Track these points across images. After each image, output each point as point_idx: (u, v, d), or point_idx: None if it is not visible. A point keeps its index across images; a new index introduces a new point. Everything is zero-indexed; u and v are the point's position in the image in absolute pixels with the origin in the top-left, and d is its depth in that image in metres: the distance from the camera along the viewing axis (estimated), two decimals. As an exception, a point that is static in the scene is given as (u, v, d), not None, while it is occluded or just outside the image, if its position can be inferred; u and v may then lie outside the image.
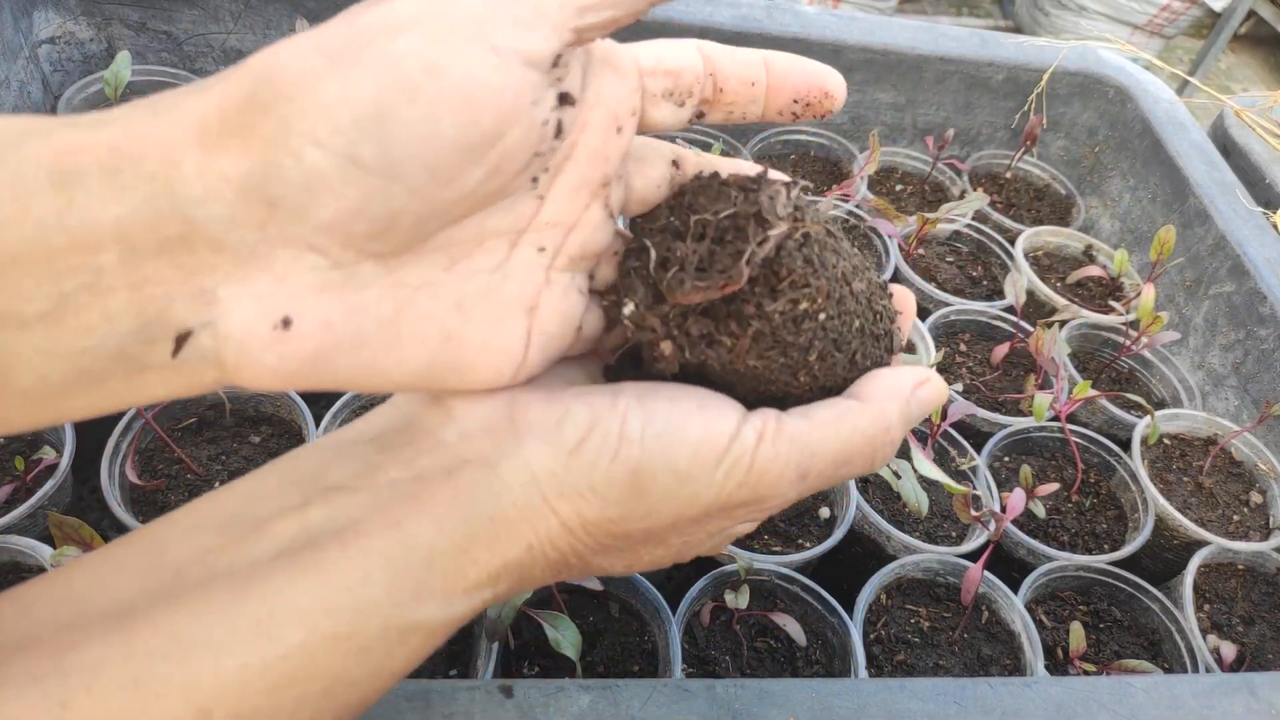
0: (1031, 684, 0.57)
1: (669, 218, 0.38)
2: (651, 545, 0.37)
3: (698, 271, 0.35)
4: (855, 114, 1.24)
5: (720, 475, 0.35)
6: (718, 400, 0.36)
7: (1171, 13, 3.41)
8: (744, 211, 0.36)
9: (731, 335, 0.36)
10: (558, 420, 0.34)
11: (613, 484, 0.34)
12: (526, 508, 0.34)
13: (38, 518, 0.68)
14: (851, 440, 0.37)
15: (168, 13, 1.04)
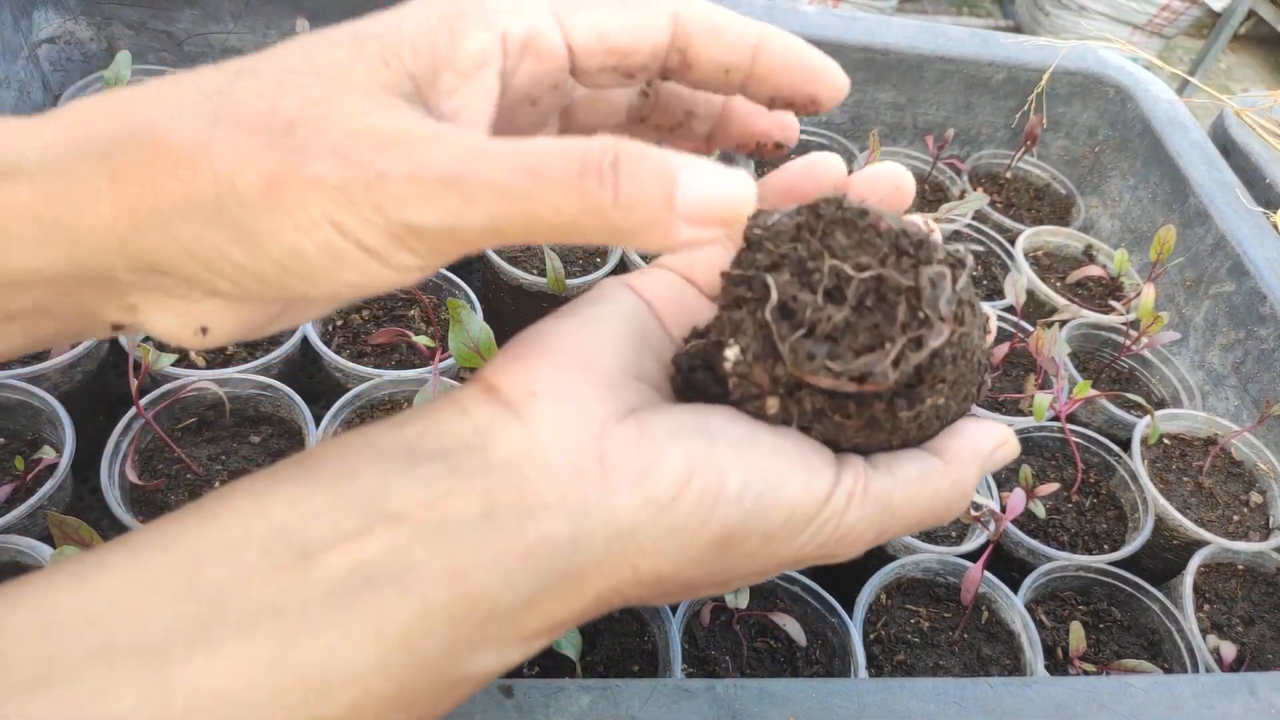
0: (1031, 684, 0.57)
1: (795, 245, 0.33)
2: (714, 588, 0.36)
3: (829, 343, 0.31)
4: (855, 114, 1.24)
5: (805, 538, 0.33)
6: (814, 453, 0.34)
7: (1171, 12, 3.41)
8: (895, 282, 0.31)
9: (845, 415, 0.33)
10: (651, 467, 0.31)
11: (700, 544, 0.32)
12: (603, 562, 0.31)
13: (38, 518, 0.68)
14: (931, 504, 0.36)
15: (168, 13, 1.04)
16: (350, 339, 0.88)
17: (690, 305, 0.41)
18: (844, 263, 0.31)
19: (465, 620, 0.30)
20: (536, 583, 0.30)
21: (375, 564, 0.29)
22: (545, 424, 0.32)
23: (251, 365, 0.79)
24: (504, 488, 0.31)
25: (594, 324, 0.36)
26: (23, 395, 0.73)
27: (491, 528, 0.30)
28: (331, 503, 0.30)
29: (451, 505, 0.30)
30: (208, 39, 1.07)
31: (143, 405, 0.72)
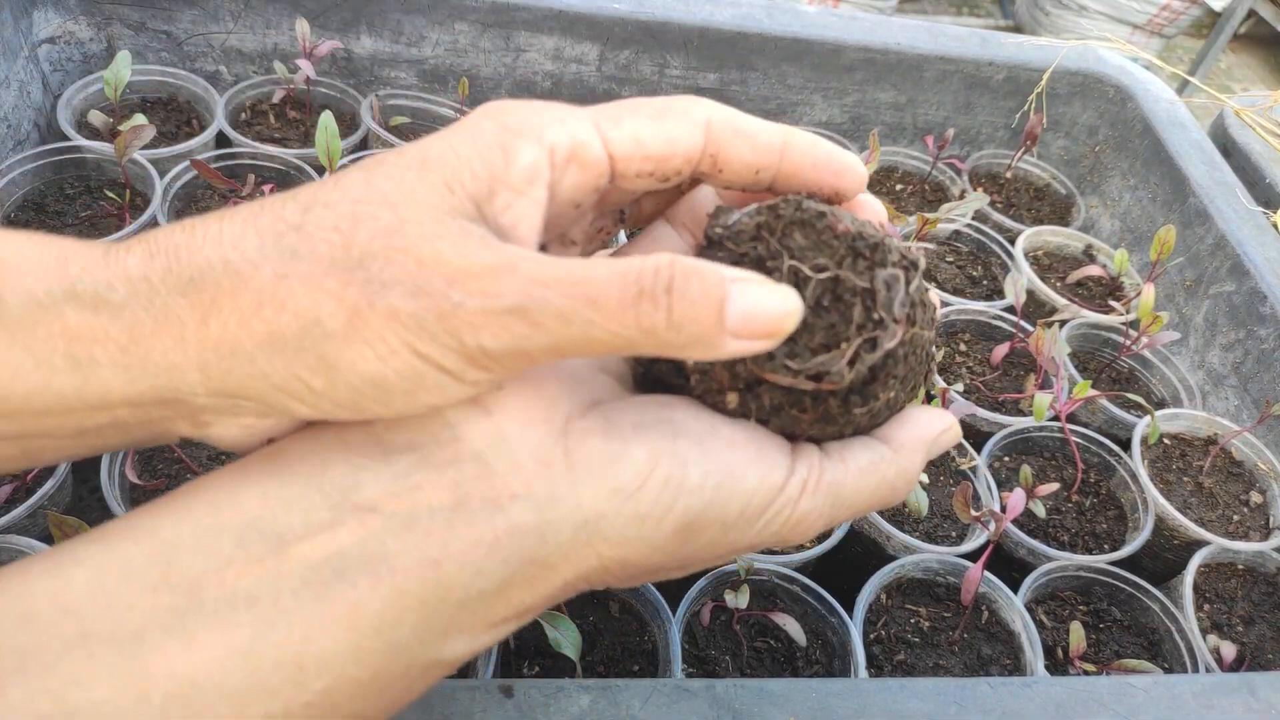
0: (1031, 684, 0.57)
1: (755, 245, 0.34)
2: (673, 572, 0.37)
3: (787, 342, 0.32)
4: (855, 114, 1.24)
5: (761, 525, 0.35)
6: (771, 444, 0.35)
7: (1171, 12, 3.41)
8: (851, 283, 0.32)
9: (801, 410, 0.34)
10: (616, 459, 0.33)
11: (663, 532, 0.33)
12: (570, 550, 0.33)
13: (38, 517, 0.68)
14: (879, 490, 0.37)
15: (168, 12, 1.04)
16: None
17: None
18: (802, 263, 0.32)
19: (437, 608, 0.31)
20: (506, 571, 0.32)
21: (348, 554, 0.30)
22: (512, 417, 0.33)
23: (251, 365, 0.79)
24: (473, 480, 0.32)
25: None
26: (23, 395, 0.73)
27: (462, 518, 0.31)
28: (304, 494, 0.31)
29: (422, 496, 0.31)
30: (208, 39, 1.07)
31: (143, 405, 0.72)
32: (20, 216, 0.91)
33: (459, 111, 1.13)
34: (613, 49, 1.12)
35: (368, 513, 0.31)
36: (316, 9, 1.06)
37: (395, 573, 0.30)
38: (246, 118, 1.08)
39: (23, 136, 0.96)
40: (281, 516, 0.31)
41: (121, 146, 0.86)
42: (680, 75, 1.16)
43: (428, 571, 0.31)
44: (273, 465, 0.33)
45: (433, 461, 0.32)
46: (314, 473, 0.32)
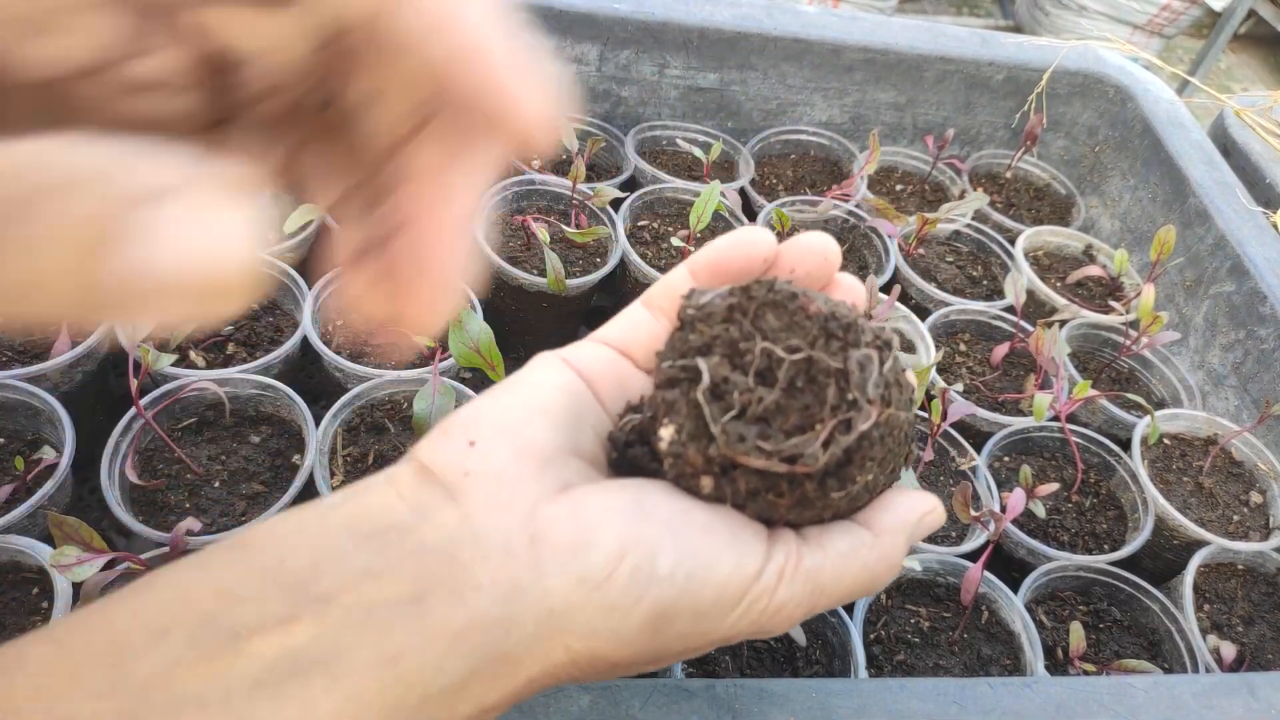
0: (1031, 684, 0.57)
1: (727, 326, 0.34)
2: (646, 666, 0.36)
3: (761, 424, 0.32)
4: (855, 114, 1.24)
5: (735, 616, 0.34)
6: (747, 530, 0.35)
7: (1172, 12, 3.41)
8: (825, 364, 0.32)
9: (778, 494, 0.33)
10: (583, 547, 0.32)
11: (633, 623, 0.32)
12: (535, 644, 0.31)
13: (38, 518, 0.68)
14: (859, 578, 0.36)
15: (168, 12, 1.04)
16: (351, 339, 0.88)
17: (627, 379, 0.41)
18: (775, 345, 0.32)
19: (396, 707, 0.30)
20: (468, 666, 0.31)
21: (303, 651, 0.29)
22: (479, 504, 0.32)
23: (251, 365, 0.79)
24: (435, 571, 0.31)
25: (528, 401, 0.37)
26: (23, 395, 0.73)
27: (422, 611, 0.30)
28: (260, 588, 0.30)
29: (381, 589, 0.30)
30: (208, 39, 1.07)
31: (143, 405, 0.72)
32: (20, 216, 0.91)
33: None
34: (613, 49, 1.12)
35: (324, 606, 0.30)
36: (316, 9, 1.06)
37: (351, 670, 0.29)
38: (246, 118, 1.08)
39: (23, 136, 0.96)
40: (237, 611, 0.29)
41: (121, 146, 0.86)
42: (680, 75, 1.16)
43: (386, 670, 0.29)
44: (231, 556, 0.31)
45: (394, 551, 0.31)
46: (271, 565, 0.31)
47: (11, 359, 0.79)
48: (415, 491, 0.33)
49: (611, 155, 1.18)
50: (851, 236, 1.15)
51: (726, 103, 1.20)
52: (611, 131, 1.17)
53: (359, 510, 0.33)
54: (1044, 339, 0.90)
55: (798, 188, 1.21)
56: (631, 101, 1.18)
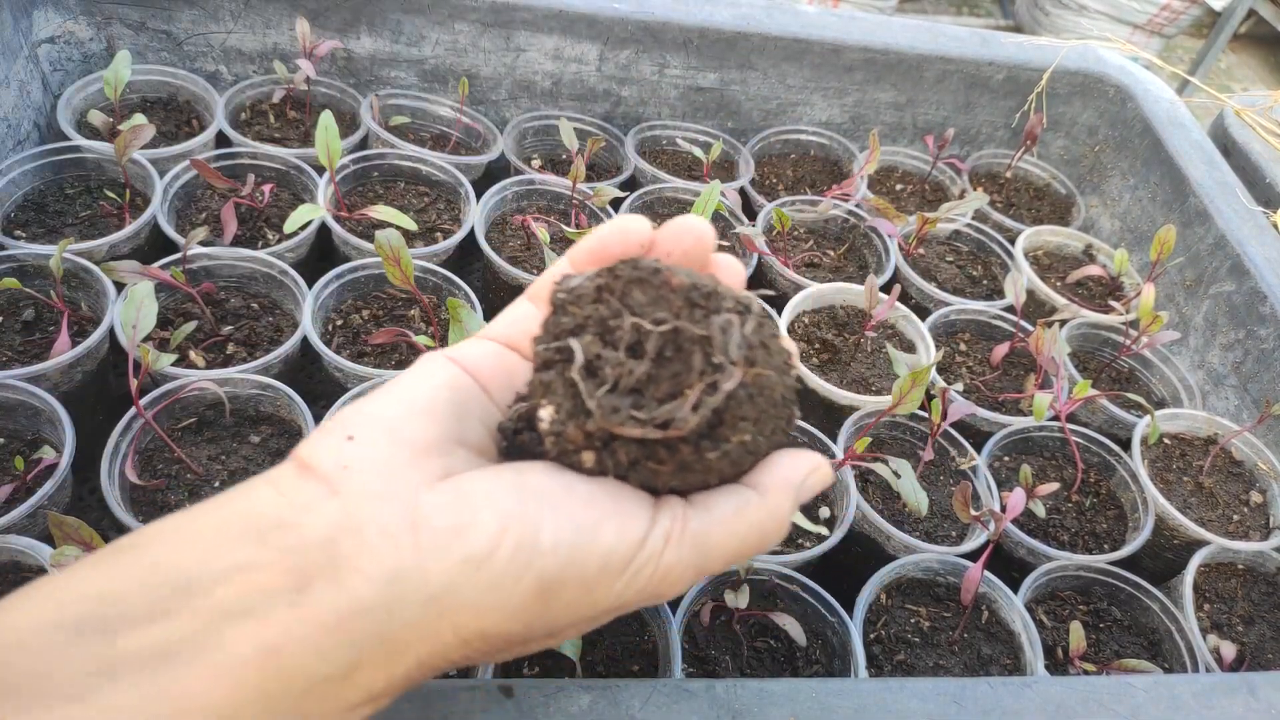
0: (1031, 684, 0.57)
1: (597, 306, 0.35)
2: (542, 640, 0.37)
3: (634, 395, 0.33)
4: (855, 113, 1.24)
5: (624, 582, 0.34)
6: (629, 498, 0.35)
7: (1172, 12, 3.41)
8: (690, 332, 0.33)
9: (659, 461, 0.34)
10: (465, 528, 0.32)
11: (519, 597, 0.32)
12: (422, 626, 0.32)
13: (38, 518, 0.68)
14: (748, 536, 0.37)
15: (167, 12, 1.04)
16: (350, 339, 0.88)
17: (515, 371, 0.42)
18: (642, 319, 0.33)
19: (279, 697, 0.30)
20: (353, 653, 0.31)
21: (182, 644, 0.29)
22: (358, 496, 0.33)
23: (251, 365, 0.79)
24: (316, 562, 0.31)
25: (407, 396, 0.37)
26: (23, 395, 0.73)
27: (303, 601, 0.30)
28: (141, 586, 0.30)
29: (260, 581, 0.30)
30: (208, 39, 1.07)
31: (143, 405, 0.72)
32: (20, 216, 0.91)
33: (458, 111, 1.13)
34: (613, 49, 1.12)
35: (202, 599, 0.30)
36: (316, 9, 1.06)
37: (232, 661, 0.29)
38: (246, 117, 1.08)
39: (23, 136, 0.96)
40: (112, 610, 0.30)
41: (121, 146, 0.86)
42: (680, 75, 1.16)
43: (268, 660, 0.30)
44: (115, 559, 0.32)
45: (274, 546, 0.31)
46: (154, 564, 0.31)
47: (11, 359, 0.79)
48: (295, 488, 0.34)
49: (611, 155, 1.18)
50: (851, 236, 1.15)
51: (726, 102, 1.20)
52: (611, 131, 1.17)
53: (239, 509, 0.33)
54: (1044, 339, 0.90)
55: (798, 187, 1.21)
56: (631, 101, 1.18)
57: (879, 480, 0.87)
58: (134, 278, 0.78)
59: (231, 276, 0.89)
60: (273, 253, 0.89)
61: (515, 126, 1.13)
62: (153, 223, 0.90)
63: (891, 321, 1.02)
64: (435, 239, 0.99)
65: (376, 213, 0.88)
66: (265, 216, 0.97)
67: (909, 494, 0.74)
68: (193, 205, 0.97)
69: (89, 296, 0.85)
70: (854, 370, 0.96)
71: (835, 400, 0.91)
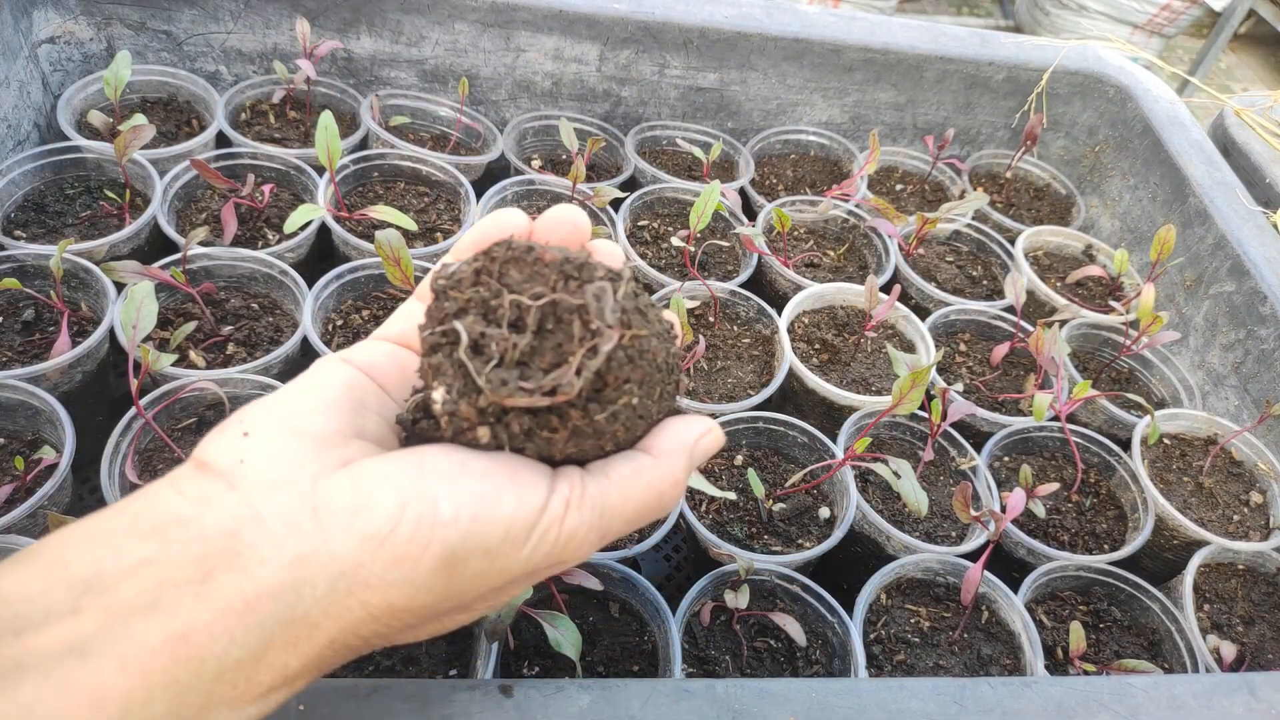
0: (1031, 684, 0.57)
1: (476, 289, 0.36)
2: (456, 613, 0.38)
3: (520, 368, 0.34)
4: (855, 114, 1.24)
5: (529, 549, 0.35)
6: (527, 468, 0.36)
7: (1172, 12, 3.41)
8: (566, 303, 0.35)
9: (552, 429, 0.36)
10: (364, 507, 0.33)
11: (424, 569, 0.33)
12: (330, 604, 0.32)
13: (38, 518, 0.68)
14: (646, 497, 0.38)
15: (167, 12, 1.04)
16: (350, 339, 0.88)
17: (411, 369, 0.43)
18: (520, 295, 0.35)
19: (190, 683, 0.30)
20: (262, 636, 0.32)
21: (91, 639, 0.30)
22: (256, 487, 0.34)
23: (251, 365, 0.79)
24: (219, 551, 0.32)
25: (301, 395, 0.38)
26: (23, 395, 0.73)
27: (209, 591, 0.31)
28: (45, 588, 0.31)
29: (166, 575, 0.31)
30: (208, 39, 1.07)
31: (143, 405, 0.72)
32: (20, 216, 0.91)
33: (458, 111, 1.13)
34: (613, 49, 1.12)
35: (109, 595, 0.31)
36: (316, 9, 1.06)
37: (141, 651, 0.30)
38: (246, 118, 1.08)
39: (23, 136, 0.96)
40: (20, 611, 0.30)
41: (121, 146, 0.86)
42: (680, 75, 1.16)
43: (177, 647, 0.30)
44: (15, 566, 0.32)
45: (177, 540, 0.32)
46: (56, 566, 0.32)
47: (11, 359, 0.79)
48: (194, 485, 0.34)
49: (611, 155, 1.18)
50: (851, 236, 1.15)
51: (726, 103, 1.20)
52: (611, 131, 1.17)
53: (140, 509, 0.34)
54: (1044, 339, 0.90)
55: (798, 187, 1.21)
56: (631, 101, 1.18)
57: (879, 480, 0.87)
58: (134, 278, 0.78)
59: (231, 276, 0.89)
60: (273, 253, 0.89)
61: (515, 126, 1.13)
62: (153, 223, 0.90)
63: (891, 321, 1.02)
64: (435, 239, 0.99)
65: (376, 213, 0.88)
66: (265, 216, 0.97)
67: (909, 494, 0.74)
68: (193, 205, 0.97)
69: (89, 296, 0.85)
70: (854, 370, 0.96)
71: (835, 400, 0.91)
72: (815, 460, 0.85)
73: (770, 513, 0.82)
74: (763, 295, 1.00)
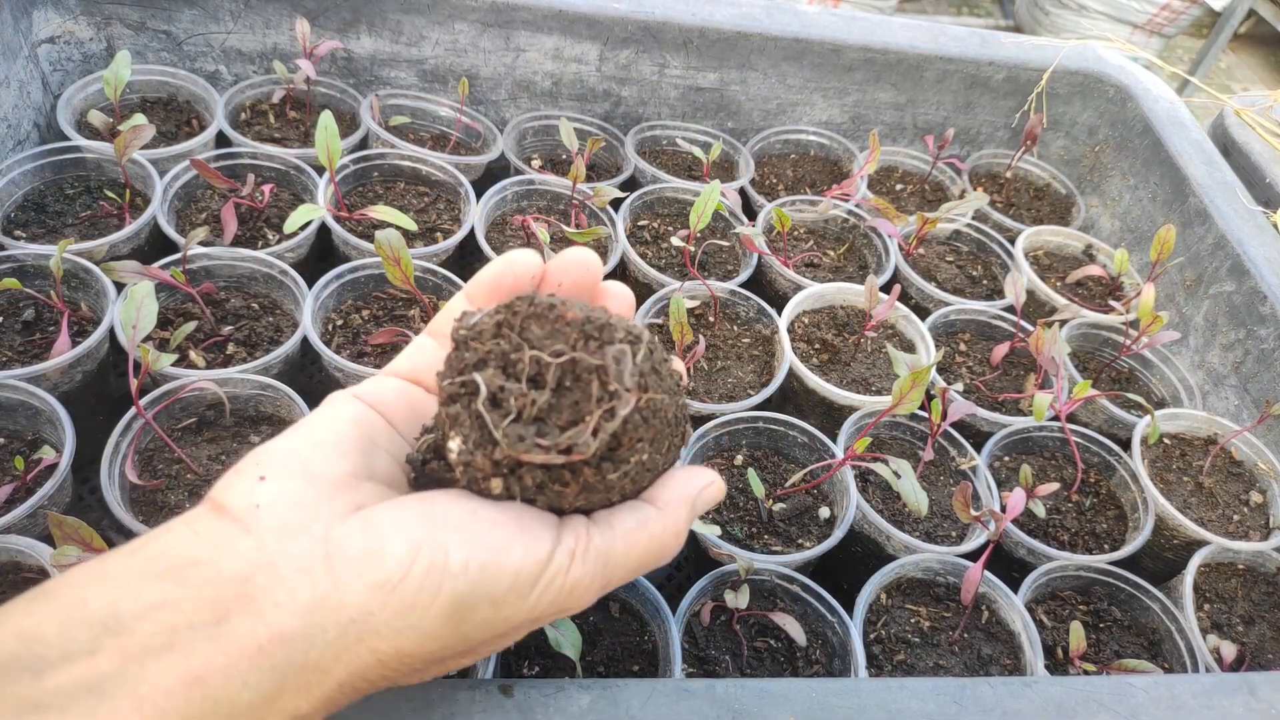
0: (1031, 684, 0.57)
1: (496, 341, 0.37)
2: (460, 658, 0.38)
3: (537, 424, 0.35)
4: (855, 114, 1.24)
5: (534, 598, 0.36)
6: (534, 519, 0.37)
7: (1172, 12, 3.41)
8: (586, 363, 0.35)
9: (564, 484, 0.36)
10: (376, 555, 0.34)
11: (432, 618, 0.34)
12: (341, 650, 0.33)
13: (38, 518, 0.68)
14: (649, 548, 0.39)
15: (167, 12, 1.04)
16: (350, 339, 0.88)
17: (419, 404, 0.44)
18: (541, 351, 0.36)
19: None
20: (274, 679, 0.32)
21: (107, 679, 0.30)
22: (270, 533, 0.34)
23: (251, 365, 0.79)
24: (234, 597, 0.33)
25: (315, 436, 0.39)
26: (23, 395, 0.73)
27: (223, 633, 0.32)
28: (62, 629, 0.31)
29: (182, 617, 0.32)
30: (208, 39, 1.07)
31: (143, 405, 0.72)
32: (20, 216, 0.91)
33: (458, 111, 1.13)
34: (613, 49, 1.12)
35: (126, 636, 0.31)
36: (316, 9, 1.06)
37: (156, 692, 0.30)
38: (246, 117, 1.08)
39: (23, 136, 0.96)
40: (40, 651, 0.31)
41: (121, 146, 0.86)
42: (680, 75, 1.16)
43: (192, 689, 0.31)
44: (33, 606, 0.33)
45: (192, 583, 0.33)
46: (74, 607, 0.32)
47: (11, 359, 0.79)
48: (210, 528, 0.35)
49: (611, 155, 1.18)
50: (851, 236, 1.15)
51: (726, 102, 1.20)
52: (611, 131, 1.17)
53: (157, 551, 0.34)
54: (1044, 339, 0.90)
55: (798, 187, 1.21)
56: (631, 101, 1.18)
57: (879, 480, 0.87)
58: (134, 278, 0.78)
59: (231, 276, 0.89)
60: (273, 253, 0.89)
61: (515, 126, 1.13)
62: (153, 223, 0.90)
63: (891, 321, 1.02)
64: (435, 239, 0.99)
65: (376, 213, 0.88)
66: (265, 216, 0.97)
67: (909, 494, 0.74)
68: (193, 205, 0.97)
69: (89, 296, 0.85)
70: (854, 370, 0.96)
71: (835, 400, 0.91)
72: (815, 460, 0.85)
73: (770, 513, 0.82)
74: (763, 295, 0.99)
